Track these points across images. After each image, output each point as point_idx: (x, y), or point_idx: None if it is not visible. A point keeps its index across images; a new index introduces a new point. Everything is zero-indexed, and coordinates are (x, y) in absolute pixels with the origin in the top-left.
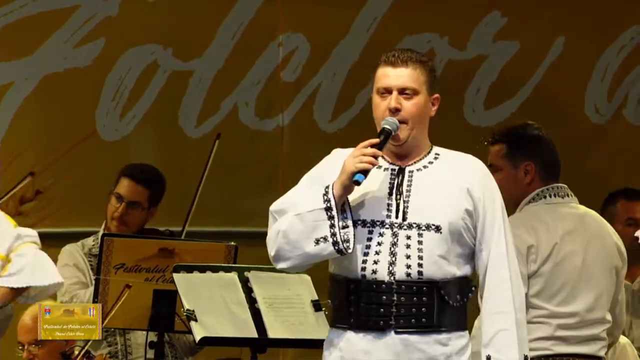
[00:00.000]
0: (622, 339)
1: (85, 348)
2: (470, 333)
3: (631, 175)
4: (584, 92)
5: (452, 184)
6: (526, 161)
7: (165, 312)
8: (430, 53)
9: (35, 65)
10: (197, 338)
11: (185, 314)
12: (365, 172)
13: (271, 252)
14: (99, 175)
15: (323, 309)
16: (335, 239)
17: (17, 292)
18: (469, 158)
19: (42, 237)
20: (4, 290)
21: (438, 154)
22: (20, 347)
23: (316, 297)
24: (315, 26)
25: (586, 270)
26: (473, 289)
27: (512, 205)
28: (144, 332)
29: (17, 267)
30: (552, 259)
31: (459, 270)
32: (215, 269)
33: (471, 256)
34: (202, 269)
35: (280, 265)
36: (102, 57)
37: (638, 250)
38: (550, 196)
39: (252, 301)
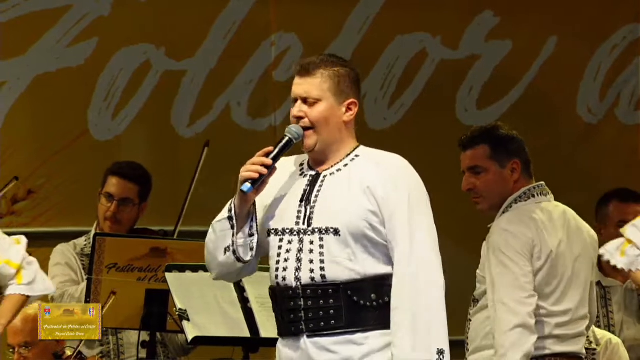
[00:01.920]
0: (614, 339)
1: (78, 349)
2: None
3: (623, 175)
4: (576, 92)
5: (355, 185)
6: (512, 159)
7: (158, 311)
8: (422, 53)
9: (27, 65)
10: (190, 337)
11: (177, 313)
12: (253, 182)
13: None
14: (91, 175)
15: None
16: (234, 247)
17: (27, 300)
18: (386, 158)
19: (35, 236)
20: (24, 298)
21: (357, 156)
22: (10, 350)
23: None
24: (308, 26)
25: (575, 268)
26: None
27: (495, 209)
28: (137, 332)
29: (31, 275)
30: (552, 258)
31: (372, 269)
32: (207, 269)
33: (389, 254)
34: (195, 269)
35: (213, 277)
36: (95, 57)
37: None
38: (537, 195)
39: (244, 301)
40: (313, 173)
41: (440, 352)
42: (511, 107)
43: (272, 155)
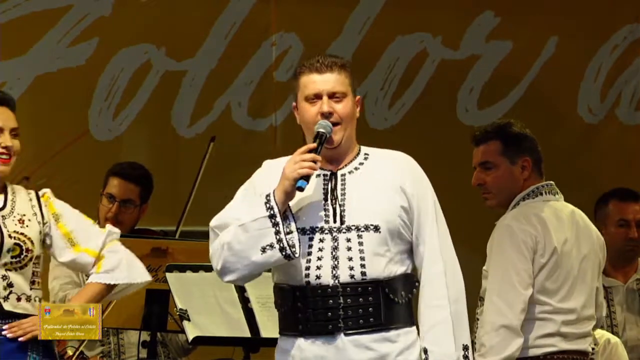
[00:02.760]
0: (613, 338)
1: (80, 349)
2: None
3: (623, 175)
4: (577, 92)
5: (385, 183)
6: (524, 156)
7: (158, 311)
8: (423, 53)
9: (28, 65)
10: (190, 337)
11: (178, 313)
12: (307, 178)
13: (217, 266)
14: (91, 175)
15: None
16: (282, 244)
17: (111, 289)
18: (399, 155)
19: None
20: (101, 286)
21: (367, 155)
22: None
23: None
24: (309, 26)
25: (581, 267)
26: (417, 284)
27: (503, 205)
28: (137, 332)
29: (111, 264)
30: (556, 255)
31: (402, 267)
32: (208, 269)
33: (411, 252)
34: (195, 269)
35: (228, 278)
36: (95, 57)
37: (631, 251)
38: (545, 193)
39: (245, 301)
40: (327, 172)
41: (466, 348)
42: (512, 107)
43: (317, 152)
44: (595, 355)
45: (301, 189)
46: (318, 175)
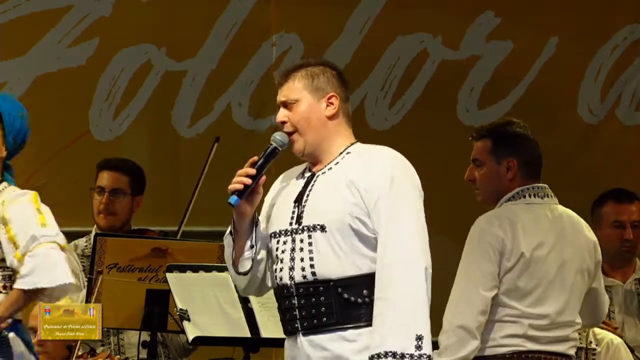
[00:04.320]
0: (616, 339)
1: (78, 347)
2: None
3: (623, 175)
4: (577, 92)
5: (342, 180)
6: (509, 157)
7: (158, 311)
8: (423, 53)
9: (28, 65)
10: (190, 338)
11: (178, 313)
12: (239, 193)
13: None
14: (92, 175)
15: None
16: (233, 259)
17: (30, 294)
18: (375, 151)
19: None
20: (18, 292)
21: (349, 153)
22: (31, 332)
23: None
24: (309, 26)
25: (560, 273)
26: None
27: (491, 202)
28: (137, 332)
29: (28, 268)
30: (526, 260)
31: (363, 266)
32: (208, 269)
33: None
34: (195, 269)
35: (245, 294)
36: (96, 57)
37: (627, 252)
38: (530, 196)
39: (245, 301)
40: (309, 174)
41: (419, 338)
42: (512, 108)
43: (257, 165)
44: (598, 356)
45: (231, 205)
46: (303, 179)
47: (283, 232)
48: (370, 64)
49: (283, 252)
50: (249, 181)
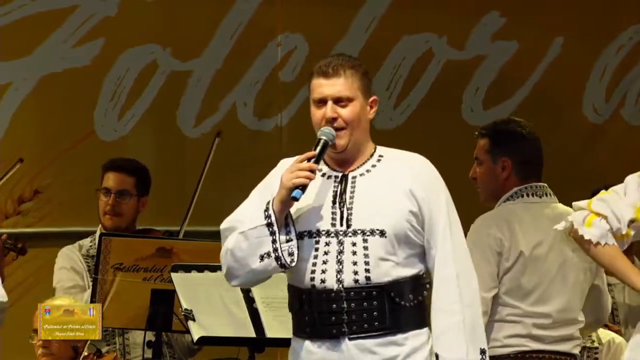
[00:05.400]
0: (618, 338)
1: (86, 347)
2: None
3: (629, 175)
4: (582, 92)
5: (395, 186)
6: (503, 157)
7: (163, 311)
8: (428, 53)
9: (33, 66)
10: (195, 338)
11: (183, 313)
12: (303, 188)
13: (223, 270)
14: (97, 176)
15: None
16: (277, 254)
17: None
18: (413, 158)
19: (41, 236)
20: None
21: (381, 156)
22: (34, 334)
23: None
24: (314, 26)
25: (561, 272)
26: (428, 286)
27: (490, 200)
28: (142, 332)
29: None
30: (526, 259)
31: (411, 270)
32: (213, 269)
33: (422, 255)
34: (200, 269)
35: (233, 283)
36: (101, 57)
37: (628, 251)
38: (528, 195)
39: (250, 301)
40: (338, 174)
41: (483, 352)
42: (517, 108)
43: (313, 160)
44: (600, 354)
45: (296, 199)
46: (329, 177)
47: (324, 233)
48: (376, 64)
49: (326, 253)
50: (313, 176)
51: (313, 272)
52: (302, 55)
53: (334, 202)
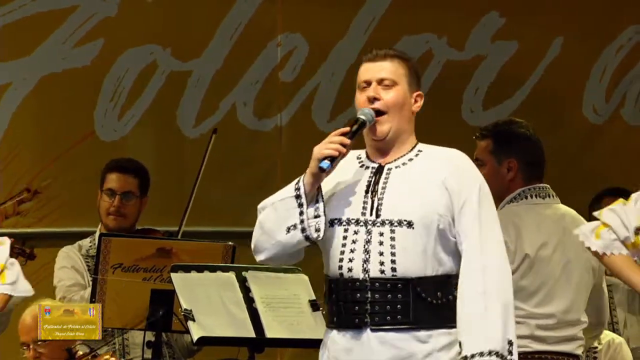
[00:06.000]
0: (617, 338)
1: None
2: None
3: (629, 175)
4: (582, 92)
5: (427, 178)
6: (509, 158)
7: (163, 312)
8: (428, 53)
9: (33, 66)
10: (195, 338)
11: (182, 313)
12: (332, 159)
13: (252, 245)
14: (97, 176)
15: (320, 308)
16: (303, 225)
17: (9, 300)
18: (450, 152)
19: (40, 237)
20: (6, 297)
21: (420, 151)
22: (24, 347)
23: (313, 297)
24: (314, 26)
25: (565, 272)
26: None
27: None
28: (142, 332)
29: (14, 276)
30: (530, 260)
31: (440, 267)
32: (212, 269)
33: (457, 253)
34: (200, 269)
35: (259, 258)
36: (101, 58)
37: None
38: (532, 197)
39: (249, 301)
40: (375, 165)
41: (510, 343)
42: (517, 108)
43: (348, 136)
44: (599, 354)
45: (323, 170)
46: (366, 168)
47: (353, 221)
48: None
49: (354, 242)
50: (343, 150)
51: (341, 260)
52: (302, 56)
53: (366, 192)
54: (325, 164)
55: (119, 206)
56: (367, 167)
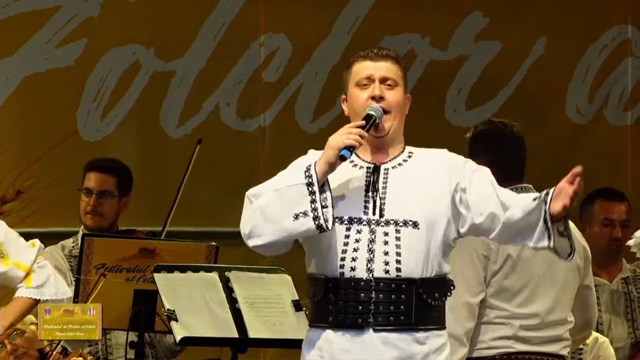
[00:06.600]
0: (601, 338)
1: (60, 344)
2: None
3: (612, 176)
4: (565, 93)
5: (429, 178)
6: (482, 158)
7: (146, 312)
8: (411, 53)
9: (16, 66)
10: (178, 338)
11: (165, 313)
12: (351, 149)
13: (245, 230)
14: (80, 176)
15: (304, 309)
16: (316, 214)
17: (37, 303)
18: (441, 151)
19: (24, 237)
20: (31, 301)
21: (412, 152)
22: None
23: (297, 297)
24: (297, 27)
25: (548, 271)
26: (452, 288)
27: None
28: (125, 332)
29: (41, 279)
30: (513, 260)
31: (439, 267)
32: (196, 269)
33: (449, 253)
34: (183, 269)
35: (255, 242)
36: (84, 58)
37: (615, 250)
38: None
39: (232, 301)
40: (370, 165)
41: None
42: (500, 108)
43: (365, 129)
44: (584, 354)
45: (344, 158)
46: (361, 167)
47: (356, 220)
48: None
49: (357, 241)
50: (362, 141)
51: (343, 259)
52: (285, 56)
53: (366, 191)
54: (347, 153)
55: (95, 205)
56: (361, 167)
